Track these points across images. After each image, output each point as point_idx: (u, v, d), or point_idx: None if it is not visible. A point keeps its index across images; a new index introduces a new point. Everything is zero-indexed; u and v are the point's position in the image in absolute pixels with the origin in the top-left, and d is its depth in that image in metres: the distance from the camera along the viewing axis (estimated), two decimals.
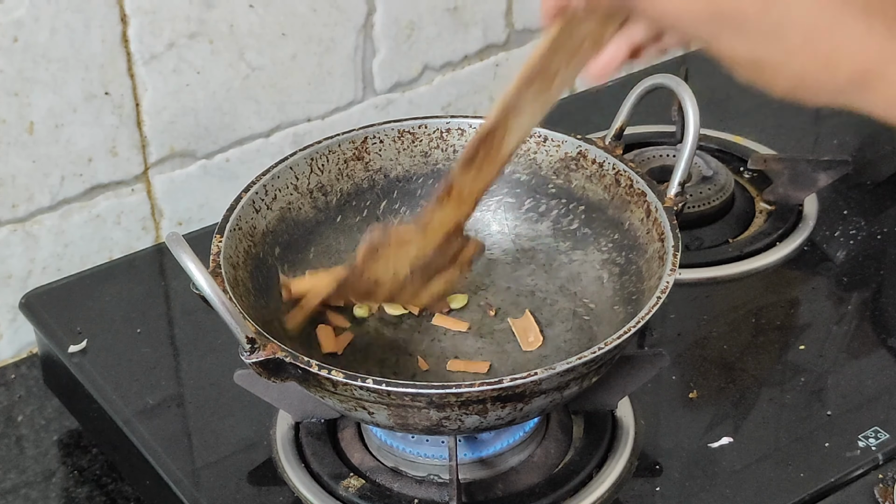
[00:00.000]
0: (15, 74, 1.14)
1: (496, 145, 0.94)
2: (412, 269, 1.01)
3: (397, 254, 1.00)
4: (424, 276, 1.02)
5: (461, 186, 0.97)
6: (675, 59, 1.54)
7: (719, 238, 1.24)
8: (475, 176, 0.96)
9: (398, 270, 1.00)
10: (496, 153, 0.94)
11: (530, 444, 1.01)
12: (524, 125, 0.93)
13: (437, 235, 0.99)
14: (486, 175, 0.96)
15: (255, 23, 1.24)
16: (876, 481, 0.99)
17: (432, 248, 1.00)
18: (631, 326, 0.90)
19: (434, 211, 0.98)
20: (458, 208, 0.98)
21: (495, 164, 0.95)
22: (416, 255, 1.00)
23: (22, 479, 1.10)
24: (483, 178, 0.96)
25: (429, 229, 0.99)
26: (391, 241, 1.00)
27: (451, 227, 1.00)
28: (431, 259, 1.01)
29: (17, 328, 1.22)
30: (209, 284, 0.86)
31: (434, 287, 1.03)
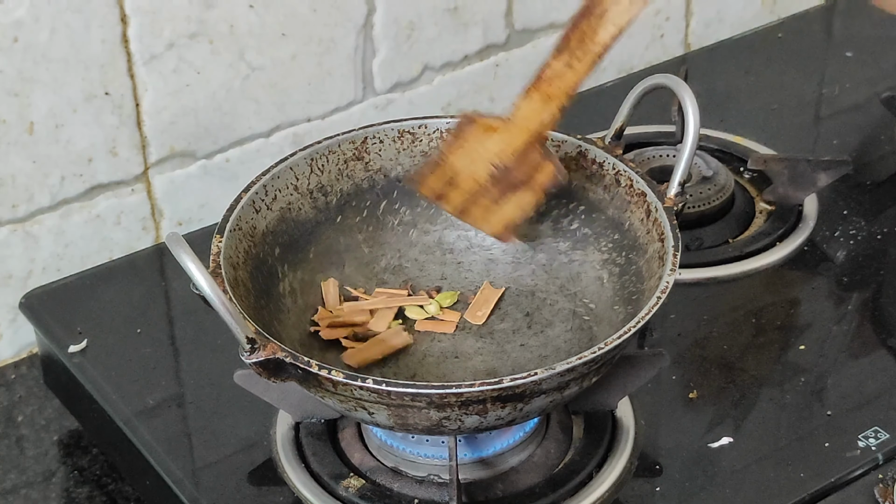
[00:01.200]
0: (15, 74, 1.14)
1: (592, 31, 0.90)
2: (491, 174, 0.99)
3: (482, 142, 0.98)
4: (500, 188, 1.00)
5: (551, 76, 0.94)
6: (675, 59, 1.54)
7: (719, 238, 1.24)
8: (567, 66, 0.93)
9: (477, 169, 0.98)
10: (591, 41, 0.91)
11: (530, 444, 1.01)
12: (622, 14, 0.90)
13: (522, 133, 0.98)
14: (578, 68, 0.93)
15: (255, 23, 1.24)
16: (876, 481, 0.99)
17: (514, 150, 0.98)
18: (631, 326, 0.90)
19: (522, 101, 0.96)
20: (544, 103, 0.96)
21: (588, 55, 0.92)
22: (498, 152, 0.98)
23: (22, 479, 1.10)
24: (574, 71, 0.93)
25: (515, 122, 0.97)
26: (479, 125, 0.98)
27: (536, 127, 0.98)
28: (510, 168, 0.99)
29: (17, 328, 1.22)
30: (209, 284, 0.86)
31: (506, 208, 1.01)
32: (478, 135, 1.00)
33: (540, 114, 0.97)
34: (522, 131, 0.99)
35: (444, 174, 1.02)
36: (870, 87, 1.45)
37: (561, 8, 1.43)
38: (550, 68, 0.96)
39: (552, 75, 0.96)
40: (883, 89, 1.43)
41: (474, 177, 1.00)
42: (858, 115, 1.42)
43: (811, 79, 1.49)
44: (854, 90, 1.46)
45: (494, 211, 1.02)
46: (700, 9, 1.55)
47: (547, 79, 0.96)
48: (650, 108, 1.17)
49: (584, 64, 0.94)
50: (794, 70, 1.50)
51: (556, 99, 0.97)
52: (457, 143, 1.01)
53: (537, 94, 0.97)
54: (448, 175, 1.02)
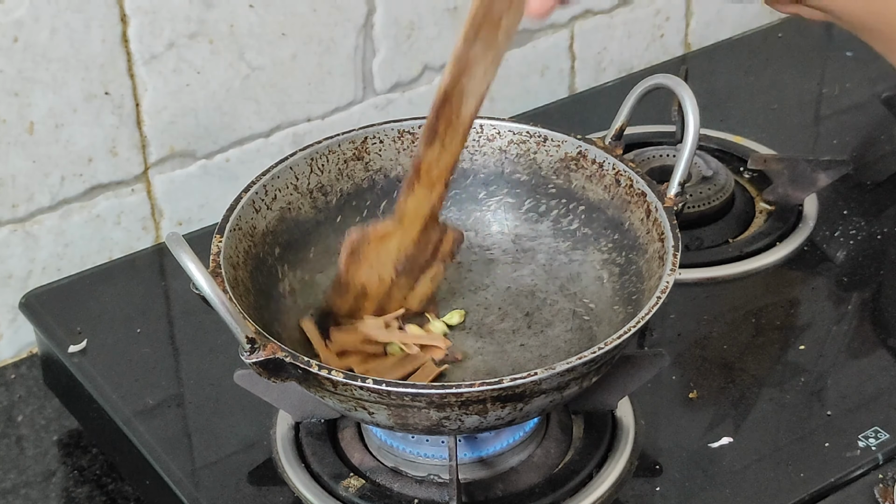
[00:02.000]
0: (15, 74, 1.14)
1: (455, 112, 0.93)
2: (396, 270, 1.00)
3: (378, 252, 0.99)
4: (410, 276, 1.02)
5: (429, 165, 0.96)
6: (675, 59, 1.54)
7: (719, 238, 1.24)
8: (440, 151, 0.95)
9: (382, 273, 1.00)
10: (457, 121, 0.94)
11: (530, 444, 1.01)
12: (479, 84, 0.92)
13: (415, 224, 0.99)
14: (452, 148, 0.95)
15: (255, 23, 1.24)
16: (876, 481, 0.99)
17: (412, 241, 0.99)
18: (631, 326, 0.90)
19: (407, 198, 0.98)
20: (430, 190, 0.97)
21: (458, 133, 0.94)
22: (397, 251, 0.99)
23: (22, 479, 1.10)
24: (449, 152, 0.95)
25: (405, 219, 0.99)
26: (370, 238, 0.99)
27: (427, 213, 0.99)
28: (413, 255, 1.00)
29: (17, 328, 1.22)
30: (209, 284, 0.86)
31: (421, 288, 1.03)
32: (373, 247, 1.00)
33: (428, 201, 0.99)
34: (415, 223, 1.00)
35: (352, 291, 1.02)
36: (870, 87, 1.45)
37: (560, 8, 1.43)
38: (426, 160, 0.96)
39: (429, 164, 0.97)
40: (883, 89, 1.43)
41: (382, 281, 1.01)
42: (858, 115, 1.42)
43: (811, 79, 1.49)
44: (854, 90, 1.46)
45: (410, 297, 1.03)
46: (700, 9, 1.55)
47: (425, 169, 0.97)
48: (650, 108, 1.17)
49: (456, 142, 0.96)
50: (794, 70, 1.50)
51: (440, 181, 0.98)
52: (355, 262, 1.00)
53: (419, 186, 0.98)
54: (356, 290, 1.01)
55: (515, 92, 1.45)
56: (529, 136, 1.08)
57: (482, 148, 1.09)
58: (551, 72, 1.46)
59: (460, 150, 0.96)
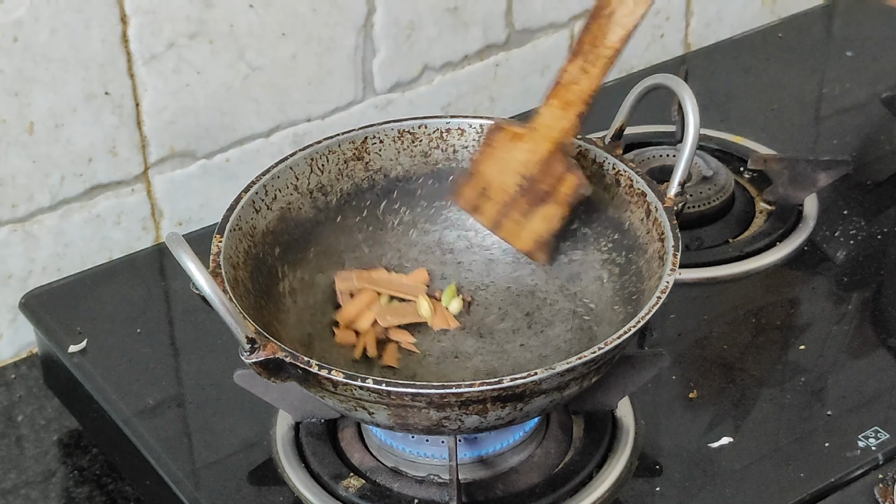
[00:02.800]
0: (15, 74, 1.14)
1: (602, 33, 0.93)
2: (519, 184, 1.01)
3: (509, 150, 1.00)
4: (528, 199, 1.02)
5: (568, 81, 0.96)
6: (675, 59, 1.54)
7: (719, 238, 1.24)
8: (581, 72, 0.96)
9: (507, 179, 1.01)
10: (601, 45, 0.94)
11: (530, 444, 1.01)
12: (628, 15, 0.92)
13: (545, 142, 1.00)
14: (592, 73, 0.95)
15: (255, 23, 1.24)
16: (876, 481, 0.99)
17: (539, 160, 1.00)
18: (631, 326, 0.90)
19: (542, 110, 0.99)
20: (564, 111, 0.98)
21: (599, 60, 0.95)
22: (524, 163, 1.00)
23: (22, 479, 1.10)
24: (589, 76, 0.96)
25: (539, 129, 1.00)
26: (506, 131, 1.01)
27: (558, 135, 1.00)
28: (536, 178, 1.01)
29: (17, 328, 1.22)
30: (209, 284, 0.86)
31: (534, 223, 1.03)
32: (505, 143, 1.03)
33: (560, 121, 1.00)
34: (545, 139, 1.01)
35: (477, 184, 1.04)
36: (870, 87, 1.45)
37: (560, 8, 1.43)
38: (567, 73, 0.98)
39: (569, 80, 0.98)
40: (883, 89, 1.43)
41: (504, 187, 1.03)
42: (858, 115, 1.42)
43: (811, 79, 1.49)
44: (854, 90, 1.46)
45: (524, 226, 1.04)
46: (700, 9, 1.55)
47: (565, 84, 0.98)
48: (650, 108, 1.17)
49: (597, 68, 0.97)
50: (794, 70, 1.50)
51: (575, 105, 0.99)
52: (487, 153, 1.04)
53: (556, 100, 0.99)
54: (481, 185, 1.04)
55: (515, 92, 1.45)
56: None
57: None
58: (551, 72, 1.46)
59: (599, 80, 0.96)
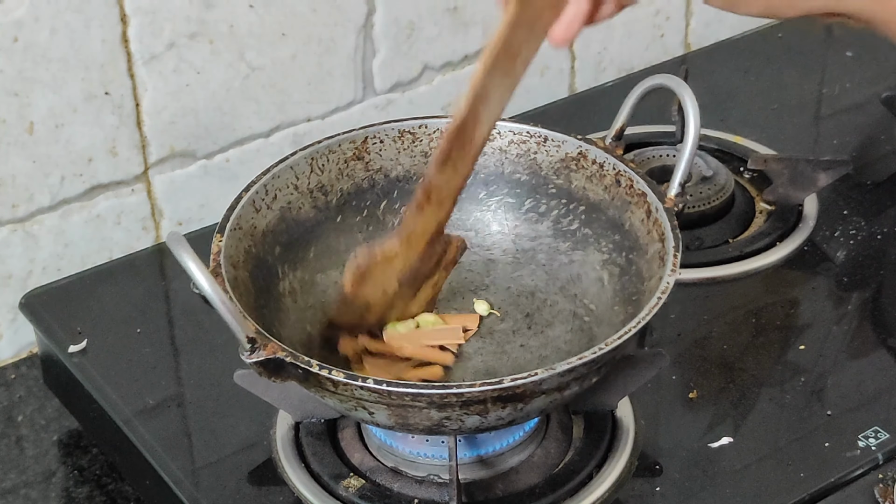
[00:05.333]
0: (15, 74, 1.14)
1: (468, 139, 0.93)
2: (400, 282, 1.00)
3: (385, 271, 0.99)
4: (413, 286, 1.01)
5: (439, 188, 0.96)
6: (675, 59, 1.54)
7: (719, 238, 1.24)
8: (451, 174, 0.95)
9: (387, 288, 0.99)
10: (469, 147, 0.94)
11: (530, 444, 1.01)
12: (493, 112, 0.92)
13: (421, 243, 0.99)
14: (462, 171, 0.95)
15: (255, 23, 1.24)
16: (876, 481, 0.99)
17: (417, 257, 0.99)
18: (631, 327, 0.90)
19: (415, 218, 0.97)
20: (438, 211, 0.97)
21: (469, 158, 0.95)
22: (402, 268, 0.99)
23: (22, 479, 1.10)
24: (459, 174, 0.95)
25: (412, 238, 0.98)
26: (377, 259, 0.98)
27: (434, 230, 0.99)
28: (418, 268, 1.00)
29: (17, 328, 1.22)
30: (209, 284, 0.86)
31: (422, 295, 1.03)
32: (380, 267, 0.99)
33: (435, 219, 0.98)
34: (421, 240, 0.99)
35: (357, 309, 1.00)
36: (870, 87, 1.45)
37: None
38: (436, 183, 0.96)
39: (439, 187, 0.96)
40: (883, 89, 1.43)
41: (385, 294, 1.00)
42: (858, 115, 1.42)
43: (811, 79, 1.49)
44: (854, 90, 1.46)
45: (411, 305, 1.03)
46: (700, 9, 1.55)
47: (435, 191, 0.96)
48: (650, 108, 1.17)
49: (467, 164, 0.96)
50: (794, 70, 1.50)
51: (448, 200, 0.98)
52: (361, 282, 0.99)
53: (429, 207, 0.97)
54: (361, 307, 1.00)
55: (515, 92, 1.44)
56: (530, 137, 1.08)
57: None
58: (551, 72, 1.46)
59: (471, 171, 0.96)
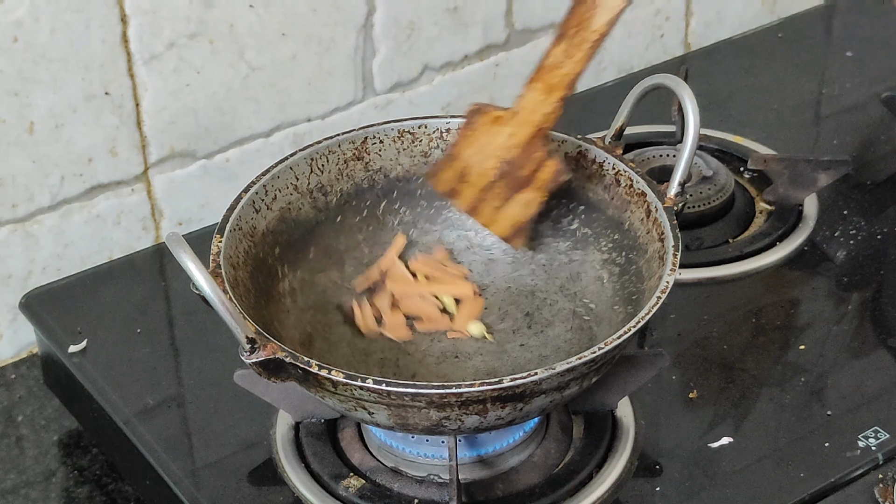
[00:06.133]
0: (15, 74, 1.14)
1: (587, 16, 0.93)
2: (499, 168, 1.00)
3: (490, 134, 1.00)
4: (507, 184, 1.02)
5: (551, 65, 0.96)
6: (675, 59, 1.54)
7: (719, 238, 1.24)
8: (564, 57, 0.95)
9: (487, 162, 1.00)
10: (585, 30, 0.94)
11: (530, 444, 1.01)
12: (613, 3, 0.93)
13: (525, 127, 0.99)
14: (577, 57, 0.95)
15: (255, 23, 1.24)
16: (876, 481, 0.99)
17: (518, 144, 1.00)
18: (631, 326, 0.90)
19: (526, 91, 0.98)
20: (546, 95, 0.98)
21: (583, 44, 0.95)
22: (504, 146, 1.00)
23: (22, 479, 1.10)
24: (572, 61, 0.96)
25: (520, 113, 1.00)
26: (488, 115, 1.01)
27: (538, 120, 0.99)
28: (516, 163, 1.00)
29: (17, 328, 1.22)
30: (209, 284, 0.86)
31: (512, 208, 1.03)
32: (486, 126, 1.02)
33: (543, 105, 0.99)
34: (527, 124, 1.01)
35: (456, 168, 1.04)
36: (870, 87, 1.45)
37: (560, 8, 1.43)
38: (551, 57, 0.98)
39: (553, 64, 0.98)
40: (883, 89, 1.43)
41: (483, 172, 1.02)
42: (858, 115, 1.42)
43: (811, 79, 1.49)
44: (854, 90, 1.46)
45: (502, 211, 1.03)
46: (700, 9, 1.55)
47: (548, 68, 0.98)
48: (650, 108, 1.17)
49: (582, 52, 0.97)
50: (794, 70, 1.50)
51: (558, 90, 0.99)
52: (467, 135, 1.03)
53: (540, 83, 0.99)
54: (460, 169, 1.04)
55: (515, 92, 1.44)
56: None
57: None
58: None
59: (584, 65, 0.96)
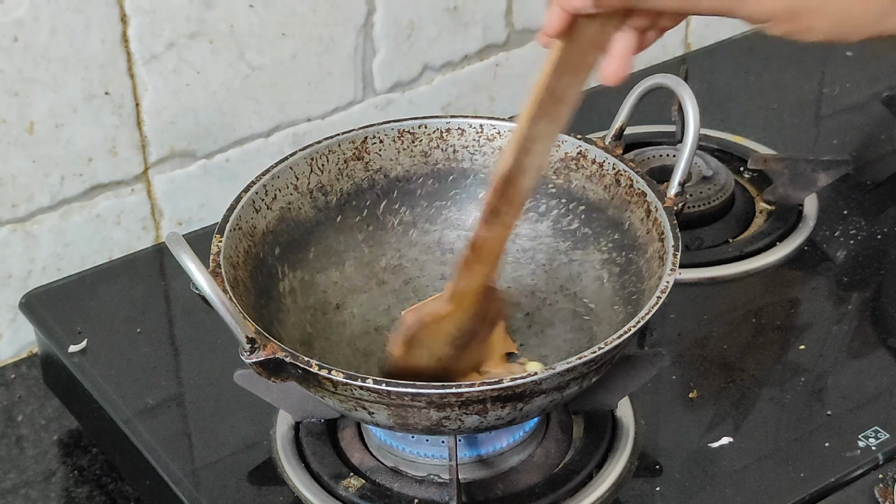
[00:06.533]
0: (15, 74, 1.14)
1: (515, 191, 0.90)
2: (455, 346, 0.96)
3: (435, 334, 0.95)
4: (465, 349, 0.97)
5: (486, 242, 0.92)
6: (675, 59, 1.54)
7: (719, 238, 1.24)
8: (499, 228, 0.92)
9: (439, 353, 0.95)
10: (516, 198, 0.91)
11: (530, 444, 1.01)
12: (540, 158, 0.89)
13: (471, 301, 0.95)
14: (509, 222, 0.92)
15: (255, 23, 1.24)
16: (876, 481, 0.99)
17: (468, 318, 0.95)
18: (631, 326, 0.90)
19: (464, 277, 0.94)
20: (486, 266, 0.94)
21: (516, 209, 0.91)
22: (454, 331, 0.95)
23: (22, 479, 1.10)
24: (506, 226, 0.92)
25: (461, 297, 0.94)
26: (426, 323, 0.95)
27: (483, 285, 0.95)
28: (469, 329, 0.96)
29: (17, 328, 1.22)
30: (209, 284, 0.86)
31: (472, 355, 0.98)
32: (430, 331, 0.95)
33: (483, 274, 0.94)
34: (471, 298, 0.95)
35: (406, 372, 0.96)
36: (870, 87, 1.46)
37: None
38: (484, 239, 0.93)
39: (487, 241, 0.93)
40: (883, 89, 1.43)
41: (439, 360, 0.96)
42: (858, 115, 1.42)
43: (811, 79, 1.49)
44: (854, 90, 1.46)
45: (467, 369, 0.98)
46: None
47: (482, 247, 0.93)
48: (650, 108, 1.17)
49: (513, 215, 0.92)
50: (794, 70, 1.50)
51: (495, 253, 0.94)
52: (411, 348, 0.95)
53: (476, 263, 0.94)
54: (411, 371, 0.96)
55: (515, 92, 1.45)
56: None
57: (482, 148, 1.09)
58: None
59: (517, 220, 0.93)
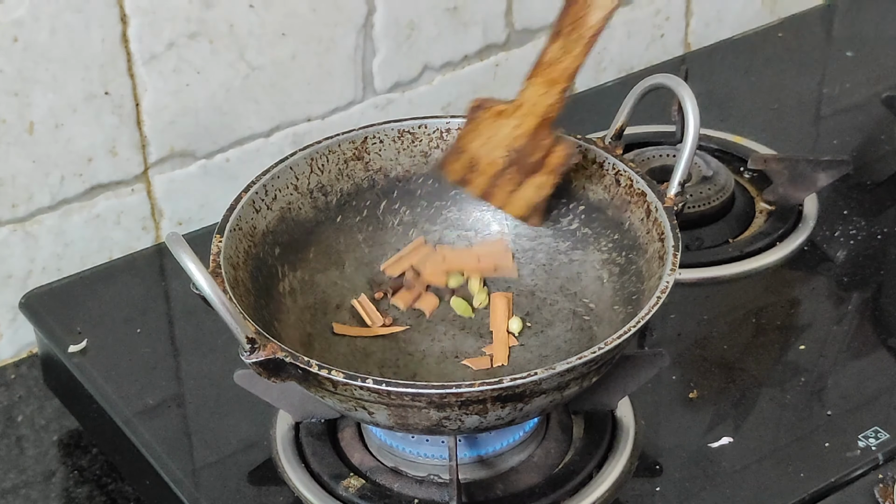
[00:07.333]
0: (15, 74, 1.14)
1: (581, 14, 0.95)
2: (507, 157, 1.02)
3: (494, 127, 1.02)
4: (517, 171, 1.03)
5: (550, 61, 0.98)
6: (675, 59, 1.54)
7: (719, 238, 1.24)
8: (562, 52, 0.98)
9: (493, 153, 1.02)
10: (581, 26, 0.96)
11: (530, 444, 1.01)
12: None
13: (529, 119, 1.01)
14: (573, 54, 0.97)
15: (255, 23, 1.24)
16: (876, 481, 0.99)
17: (525, 134, 1.01)
18: (631, 326, 0.90)
19: (528, 85, 1.00)
20: (549, 87, 1.00)
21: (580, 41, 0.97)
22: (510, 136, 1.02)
23: (22, 479, 1.10)
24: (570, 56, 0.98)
25: (523, 106, 1.01)
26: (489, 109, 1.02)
27: (542, 112, 1.01)
28: (524, 150, 1.02)
29: (17, 328, 1.22)
30: (209, 284, 0.86)
31: (526, 191, 1.04)
32: (490, 120, 1.03)
33: (546, 96, 1.01)
34: (531, 115, 1.02)
35: (464, 160, 1.05)
36: (870, 87, 1.45)
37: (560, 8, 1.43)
38: (549, 53, 1.00)
39: (551, 60, 1.00)
40: (883, 89, 1.43)
41: (493, 161, 1.04)
42: (858, 115, 1.42)
43: (811, 79, 1.49)
44: (854, 90, 1.46)
45: (516, 194, 1.05)
46: (700, 9, 1.55)
47: (547, 63, 1.00)
48: (650, 108, 1.17)
49: (580, 48, 0.98)
50: (794, 70, 1.50)
51: (559, 82, 1.01)
52: (471, 130, 1.04)
53: (540, 78, 1.01)
54: (468, 160, 1.05)
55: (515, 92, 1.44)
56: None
57: None
58: None
59: (581, 61, 0.98)
